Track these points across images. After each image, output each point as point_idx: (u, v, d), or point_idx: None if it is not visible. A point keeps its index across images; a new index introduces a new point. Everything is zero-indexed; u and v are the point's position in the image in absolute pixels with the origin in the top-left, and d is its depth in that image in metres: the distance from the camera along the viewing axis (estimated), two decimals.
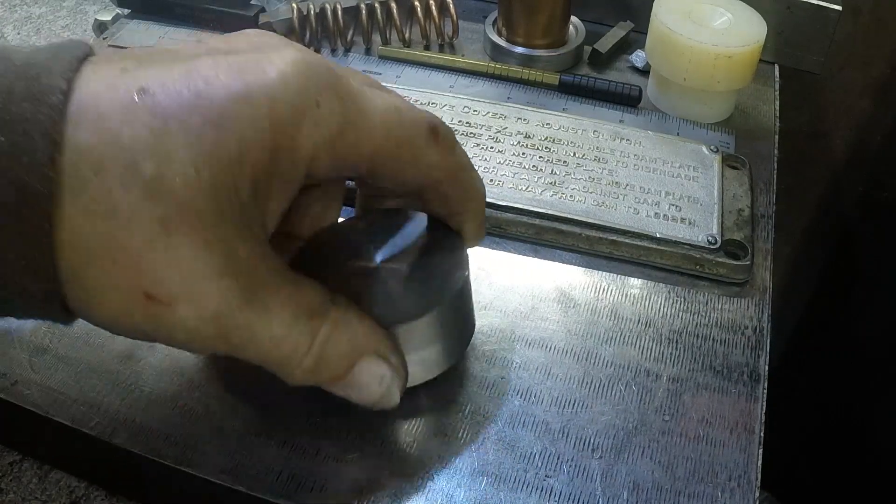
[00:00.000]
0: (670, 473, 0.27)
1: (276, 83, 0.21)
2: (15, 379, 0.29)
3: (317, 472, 0.27)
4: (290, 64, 0.22)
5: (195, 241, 0.20)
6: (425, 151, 0.25)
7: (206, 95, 0.20)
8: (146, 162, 0.19)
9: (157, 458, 0.27)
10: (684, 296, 0.34)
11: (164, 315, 0.20)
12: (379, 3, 0.47)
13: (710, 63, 0.40)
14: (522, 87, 0.45)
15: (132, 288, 0.20)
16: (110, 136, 0.19)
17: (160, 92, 0.20)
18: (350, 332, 0.24)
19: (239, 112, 0.20)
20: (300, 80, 0.21)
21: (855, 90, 0.64)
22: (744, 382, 0.30)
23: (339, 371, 0.24)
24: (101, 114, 0.20)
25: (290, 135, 0.21)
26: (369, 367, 0.24)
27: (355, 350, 0.24)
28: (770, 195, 0.39)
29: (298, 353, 0.23)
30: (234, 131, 0.20)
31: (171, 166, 0.20)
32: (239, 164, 0.21)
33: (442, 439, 0.28)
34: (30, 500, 0.30)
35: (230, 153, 0.20)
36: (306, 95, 0.21)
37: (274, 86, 0.21)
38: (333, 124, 0.22)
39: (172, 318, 0.20)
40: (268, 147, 0.21)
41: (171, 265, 0.20)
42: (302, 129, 0.21)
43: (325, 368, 0.23)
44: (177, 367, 0.30)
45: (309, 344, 0.23)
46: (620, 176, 0.38)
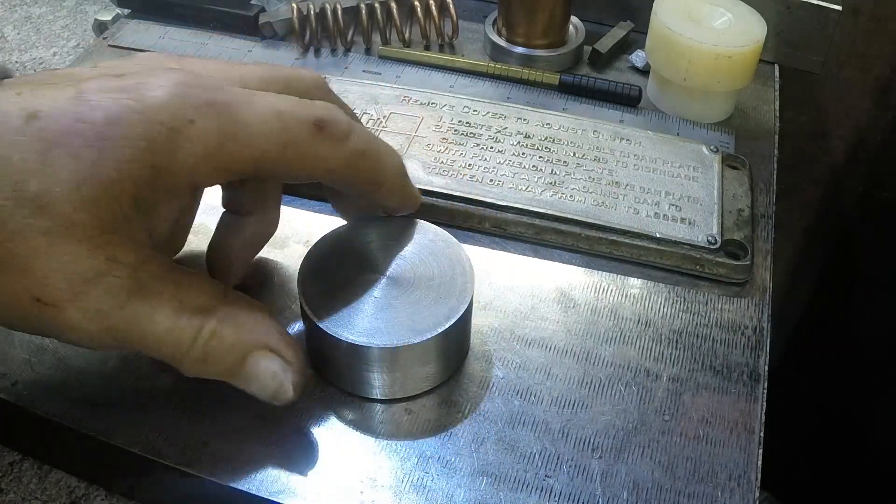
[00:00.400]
0: (670, 473, 0.27)
1: (151, 105, 0.23)
2: (15, 379, 0.29)
3: (317, 471, 0.27)
4: (166, 86, 0.23)
5: (77, 250, 0.22)
6: (311, 148, 0.25)
7: (87, 119, 0.22)
8: (32, 181, 0.22)
9: (157, 458, 0.27)
10: (684, 296, 0.34)
11: (53, 316, 0.22)
12: (379, 3, 0.47)
13: (710, 63, 0.40)
14: (522, 87, 0.45)
15: (22, 293, 0.22)
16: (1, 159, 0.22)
17: (47, 117, 0.22)
18: (236, 327, 0.25)
19: (115, 133, 0.22)
20: (174, 101, 0.23)
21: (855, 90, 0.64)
22: (744, 382, 0.30)
23: (228, 364, 0.25)
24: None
25: (167, 152, 0.23)
26: (259, 361, 0.25)
27: (243, 344, 0.25)
28: (770, 195, 0.39)
29: (182, 346, 0.24)
30: (112, 152, 0.22)
31: (54, 185, 0.22)
32: (118, 182, 0.22)
33: (442, 439, 0.28)
34: (30, 500, 0.30)
35: (108, 172, 0.22)
36: (180, 114, 0.23)
37: (149, 107, 0.23)
38: (210, 139, 0.23)
39: (61, 318, 0.22)
40: (146, 164, 0.23)
41: (55, 271, 0.22)
42: (178, 146, 0.23)
43: (214, 362, 0.25)
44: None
45: (192, 338, 0.24)
46: (620, 176, 0.38)
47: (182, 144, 0.23)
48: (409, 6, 0.47)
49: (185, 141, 0.23)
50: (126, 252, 0.23)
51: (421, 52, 0.47)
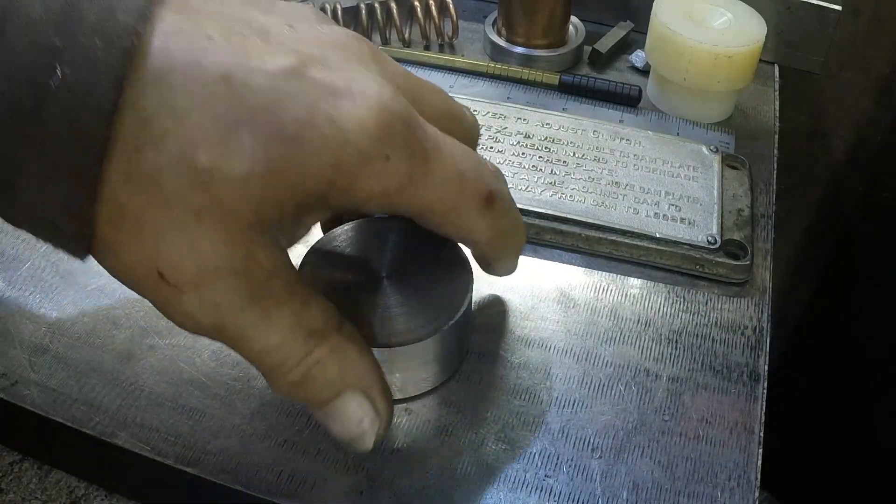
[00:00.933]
0: (670, 473, 0.27)
1: (354, 125, 0.21)
2: (15, 379, 0.29)
3: (317, 471, 0.27)
4: (373, 108, 0.21)
5: (220, 238, 0.20)
6: (474, 219, 0.24)
7: (286, 108, 0.20)
8: (203, 153, 0.19)
9: (157, 458, 0.27)
10: (684, 296, 0.34)
11: (169, 296, 0.21)
12: (379, 3, 0.47)
13: (710, 63, 0.40)
14: (522, 87, 0.45)
15: (147, 263, 0.20)
16: (178, 114, 0.19)
17: (241, 85, 0.20)
18: (344, 362, 0.24)
19: (310, 139, 0.20)
20: (377, 130, 0.21)
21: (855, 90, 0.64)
22: (743, 382, 0.30)
23: (321, 396, 0.24)
24: (176, 86, 0.19)
25: (351, 178, 0.21)
26: (352, 402, 0.24)
27: (343, 381, 0.24)
28: (770, 195, 0.39)
29: (287, 365, 0.23)
30: (299, 157, 0.20)
31: (225, 166, 0.19)
32: (292, 188, 0.20)
33: (442, 439, 0.28)
34: (30, 500, 0.30)
35: (288, 176, 0.20)
36: (378, 147, 0.21)
37: (350, 127, 0.21)
38: (395, 181, 0.22)
39: (176, 300, 0.21)
40: (325, 181, 0.21)
41: (190, 253, 0.20)
42: (364, 176, 0.21)
43: (309, 389, 0.23)
44: (177, 367, 0.30)
45: (299, 360, 0.23)
46: (620, 176, 0.38)
47: (368, 177, 0.21)
48: (408, 6, 0.47)
49: (372, 175, 0.21)
50: (267, 256, 0.21)
51: (421, 52, 0.47)
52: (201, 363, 0.30)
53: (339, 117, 0.20)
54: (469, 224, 0.25)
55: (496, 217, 0.25)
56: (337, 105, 0.21)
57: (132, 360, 0.30)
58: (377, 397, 0.24)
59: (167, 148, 0.19)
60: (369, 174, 0.21)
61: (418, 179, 0.22)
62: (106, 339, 0.30)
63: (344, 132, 0.20)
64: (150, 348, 0.30)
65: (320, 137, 0.20)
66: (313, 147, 0.20)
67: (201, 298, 0.21)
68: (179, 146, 0.19)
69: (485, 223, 0.25)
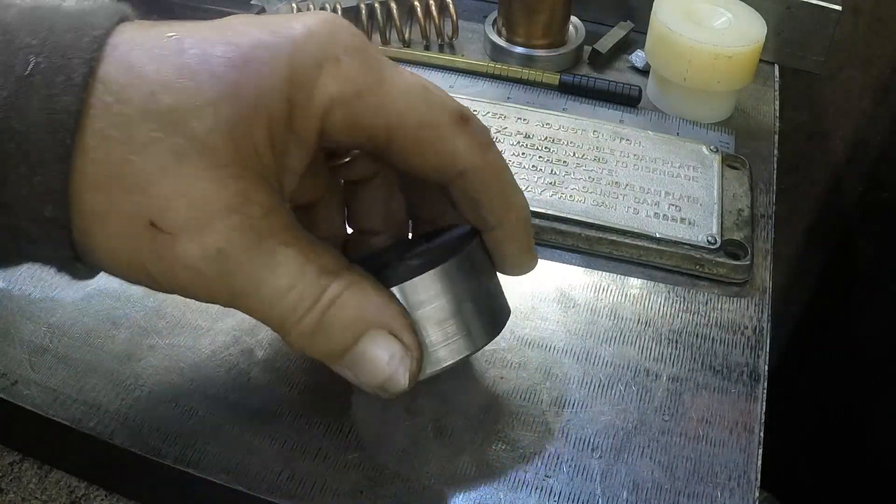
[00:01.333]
0: (670, 473, 0.27)
1: (300, 34, 0.21)
2: (15, 379, 0.29)
3: (317, 471, 0.27)
4: (318, 20, 0.22)
5: (207, 175, 0.20)
6: (450, 136, 0.23)
7: (232, 41, 0.21)
8: (165, 95, 0.20)
9: (157, 458, 0.27)
10: (684, 296, 0.34)
11: (166, 247, 0.20)
12: (379, 3, 0.47)
13: (710, 63, 0.40)
14: (522, 87, 0.45)
15: (137, 215, 0.20)
16: (136, 71, 0.20)
17: (188, 36, 0.21)
18: (362, 298, 0.22)
19: (260, 57, 0.21)
20: (325, 35, 0.22)
21: (855, 90, 0.64)
22: (743, 382, 0.30)
23: (342, 340, 0.22)
24: (131, 51, 0.21)
25: (308, 85, 0.21)
26: (376, 342, 0.23)
27: (364, 319, 0.22)
28: (770, 195, 0.39)
29: (301, 307, 0.22)
30: (254, 75, 0.21)
31: (188, 101, 0.20)
32: (255, 108, 0.21)
33: (442, 439, 0.28)
34: (30, 500, 0.30)
35: (248, 96, 0.21)
36: (329, 49, 0.22)
37: (297, 36, 0.21)
38: (352, 83, 0.22)
39: (175, 250, 0.20)
40: (284, 96, 0.21)
41: (179, 194, 0.20)
42: (319, 80, 0.21)
43: (327, 334, 0.22)
44: (177, 367, 0.30)
45: (314, 299, 0.22)
46: (620, 176, 0.38)
47: (323, 81, 0.21)
48: (409, 6, 0.47)
49: (327, 78, 0.21)
50: (259, 192, 0.21)
51: (421, 52, 0.47)
52: (201, 363, 0.30)
53: (287, 31, 0.21)
54: (446, 142, 0.23)
55: (475, 141, 0.24)
56: (287, 25, 0.22)
57: (132, 360, 0.30)
58: (402, 332, 0.23)
59: (131, 99, 0.20)
60: (324, 77, 0.21)
61: (377, 86, 0.22)
62: (106, 339, 0.30)
63: (292, 41, 0.21)
64: (150, 348, 0.30)
65: (269, 51, 0.21)
66: (265, 61, 0.21)
67: (201, 244, 0.20)
68: (142, 94, 0.20)
69: (464, 146, 0.23)
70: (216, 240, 0.20)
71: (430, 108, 0.23)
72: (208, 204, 0.20)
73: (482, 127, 0.24)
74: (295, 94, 0.21)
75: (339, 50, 0.22)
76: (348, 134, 0.23)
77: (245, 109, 0.21)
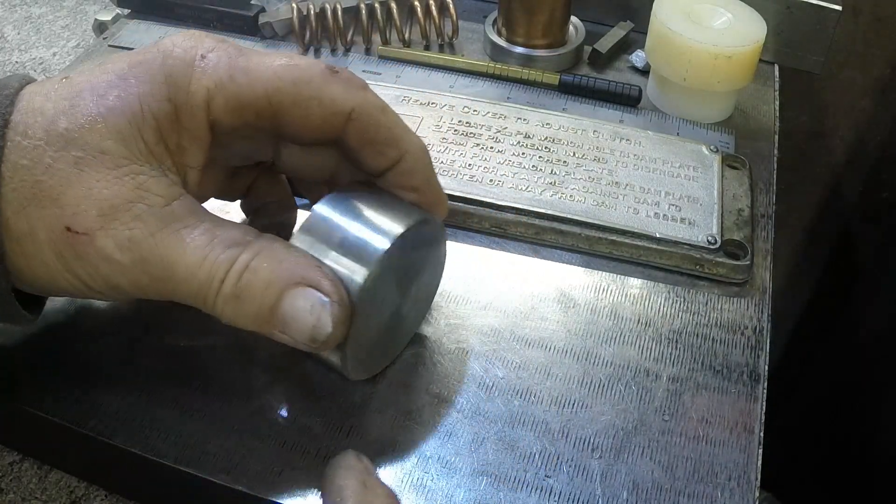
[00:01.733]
0: (670, 473, 0.27)
1: (167, 47, 0.25)
2: (15, 379, 0.29)
3: (316, 471, 0.27)
4: (182, 35, 0.26)
5: (106, 177, 0.23)
6: (326, 84, 0.26)
7: (111, 69, 0.25)
8: (61, 120, 0.24)
9: (157, 458, 0.27)
10: (684, 296, 0.34)
11: (85, 247, 0.23)
12: (379, 3, 0.47)
13: (710, 63, 0.40)
14: (522, 87, 0.45)
15: (55, 225, 0.23)
16: (36, 111, 0.24)
17: (78, 75, 0.25)
18: (274, 259, 0.24)
19: (136, 73, 0.25)
20: (186, 42, 0.25)
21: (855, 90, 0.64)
22: (743, 382, 0.30)
23: (263, 302, 0.24)
24: (33, 97, 0.24)
25: (183, 85, 0.25)
26: (297, 297, 0.24)
27: (279, 277, 0.24)
28: (770, 195, 0.39)
29: (215, 279, 0.24)
30: (134, 88, 0.24)
31: (81, 120, 0.24)
32: (140, 114, 0.24)
33: (442, 439, 0.28)
34: (30, 500, 0.30)
35: (131, 105, 0.24)
36: (195, 50, 0.25)
37: (164, 48, 0.25)
38: (221, 69, 0.25)
39: (93, 247, 0.23)
40: (164, 98, 0.24)
41: (86, 198, 0.23)
42: (193, 76, 0.25)
43: (248, 299, 0.24)
44: (177, 367, 0.30)
45: (226, 269, 0.24)
46: (620, 176, 0.38)
47: (195, 77, 0.25)
48: (409, 6, 0.47)
49: (198, 73, 0.25)
50: (158, 185, 0.24)
51: (421, 52, 0.47)
52: (201, 363, 0.30)
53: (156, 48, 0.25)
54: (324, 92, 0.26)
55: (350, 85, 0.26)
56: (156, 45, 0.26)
57: (132, 361, 0.30)
58: (319, 281, 0.24)
59: (35, 133, 0.24)
60: (196, 74, 0.25)
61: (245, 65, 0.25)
62: (106, 339, 0.30)
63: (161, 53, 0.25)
64: (150, 348, 0.30)
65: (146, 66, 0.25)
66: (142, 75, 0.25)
67: (113, 235, 0.23)
68: (42, 126, 0.24)
69: (342, 90, 0.26)
70: (124, 228, 0.23)
71: (300, 68, 0.26)
72: (112, 200, 0.23)
73: (352, 73, 0.27)
74: (174, 94, 0.25)
75: (203, 48, 0.25)
76: (236, 115, 0.25)
77: (129, 116, 0.24)
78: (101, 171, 0.23)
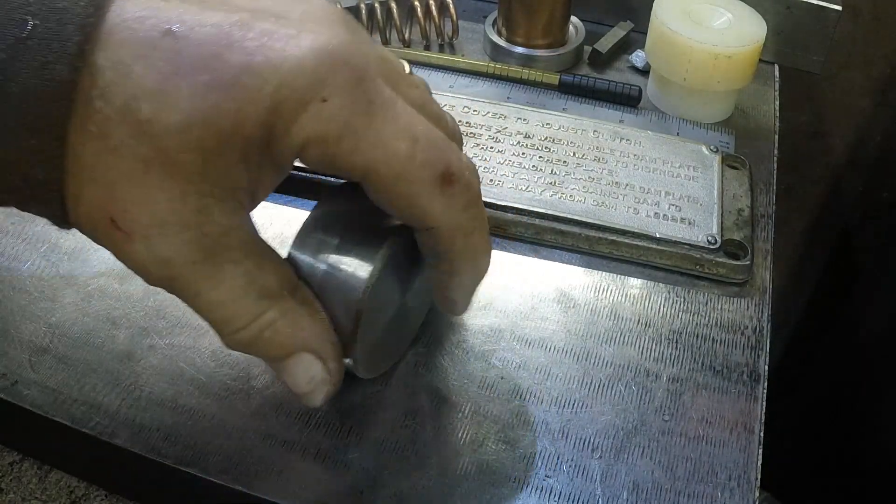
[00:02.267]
0: (670, 473, 0.27)
1: (290, 66, 0.21)
2: (15, 379, 0.29)
3: (317, 472, 0.27)
4: (312, 50, 0.21)
5: (171, 188, 0.21)
6: (428, 197, 0.23)
7: (223, 57, 0.20)
8: (145, 102, 0.20)
9: (157, 458, 0.27)
10: (684, 296, 0.34)
11: (121, 242, 0.21)
12: (379, 3, 0.47)
13: (710, 63, 0.40)
14: (522, 87, 0.45)
15: (101, 209, 0.21)
16: (122, 68, 0.20)
17: (183, 38, 0.20)
18: (295, 326, 0.24)
19: (245, 84, 0.20)
20: (314, 71, 0.21)
21: (855, 90, 0.64)
22: (743, 382, 0.30)
23: (273, 354, 0.24)
24: (123, 41, 0.20)
25: (287, 121, 0.21)
26: (303, 362, 0.25)
27: (295, 343, 0.24)
28: (770, 195, 0.39)
29: (234, 324, 0.23)
30: (235, 101, 0.21)
31: (165, 114, 0.20)
32: (231, 134, 0.21)
33: (442, 439, 0.28)
34: (30, 500, 0.30)
35: (225, 121, 0.21)
36: (315, 88, 0.21)
37: (286, 68, 0.21)
38: (333, 127, 0.21)
39: (128, 247, 0.21)
40: (264, 125, 0.21)
41: (140, 201, 0.21)
42: (300, 118, 0.21)
43: (261, 348, 0.24)
44: (177, 367, 0.30)
45: (250, 321, 0.23)
46: (620, 176, 0.38)
47: (305, 119, 0.21)
48: (408, 6, 0.47)
49: (308, 115, 0.21)
50: (222, 212, 0.22)
51: (421, 52, 0.47)
52: (201, 363, 0.30)
53: (278, 59, 0.21)
54: (422, 202, 0.23)
55: (455, 203, 0.23)
56: (279, 48, 0.21)
57: (132, 360, 0.30)
58: (328, 357, 0.25)
59: (112, 99, 0.20)
60: (305, 115, 0.21)
61: (361, 130, 0.21)
62: (106, 339, 0.30)
63: (280, 73, 0.21)
64: (150, 348, 0.30)
65: (256, 81, 0.20)
66: (249, 91, 0.20)
67: (152, 248, 0.21)
68: (123, 97, 0.20)
69: (440, 205, 0.23)
70: (166, 249, 0.21)
71: (413, 162, 0.22)
72: (166, 216, 0.21)
73: (469, 180, 0.24)
74: (274, 123, 0.21)
75: (328, 90, 0.21)
76: (324, 167, 0.22)
77: (220, 132, 0.21)
78: (167, 181, 0.21)
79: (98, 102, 0.20)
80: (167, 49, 0.20)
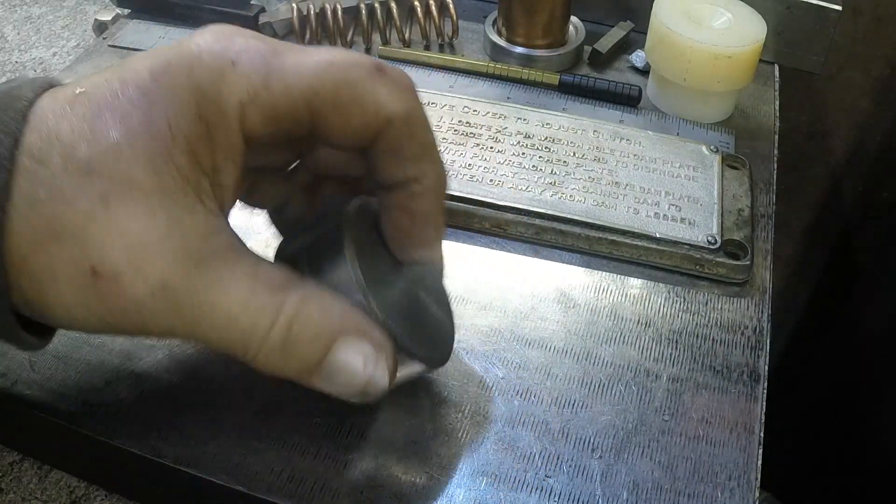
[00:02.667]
0: (670, 473, 0.27)
1: (192, 52, 0.22)
2: (15, 379, 0.29)
3: (317, 472, 0.27)
4: (205, 34, 0.22)
5: (135, 211, 0.21)
6: (371, 87, 0.23)
7: (131, 80, 0.21)
8: (81, 146, 0.21)
9: (157, 458, 0.27)
10: (684, 296, 0.34)
11: (112, 291, 0.21)
12: (379, 3, 0.47)
13: (710, 63, 0.40)
14: (522, 87, 0.45)
15: (78, 265, 0.20)
16: (51, 133, 0.21)
17: (94, 88, 0.22)
18: (323, 307, 0.22)
19: (161, 87, 0.21)
20: (215, 45, 0.22)
21: (855, 90, 0.64)
22: (743, 382, 0.30)
23: (312, 354, 0.22)
24: (45, 116, 0.21)
25: (213, 100, 0.21)
26: (348, 349, 0.22)
27: (331, 328, 0.22)
28: (770, 195, 0.39)
29: (260, 328, 0.21)
30: (159, 106, 0.21)
31: (103, 147, 0.21)
32: (170, 136, 0.21)
33: (442, 439, 0.28)
34: (30, 500, 0.30)
35: (159, 126, 0.21)
36: (224, 54, 0.22)
37: (189, 56, 0.22)
38: (254, 77, 0.22)
39: (121, 292, 0.21)
40: (195, 116, 0.21)
41: (113, 236, 0.20)
42: (222, 89, 0.21)
43: (297, 350, 0.22)
44: (177, 366, 0.30)
45: (273, 318, 0.21)
46: (620, 176, 0.38)
47: (227, 88, 0.21)
48: (409, 6, 0.47)
49: (229, 83, 0.21)
50: (193, 217, 0.21)
51: (421, 52, 0.47)
52: (201, 363, 0.30)
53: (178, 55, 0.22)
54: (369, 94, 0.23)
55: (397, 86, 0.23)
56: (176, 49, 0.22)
57: (132, 360, 0.30)
58: (371, 332, 0.23)
59: (51, 160, 0.21)
60: (227, 86, 0.21)
61: (280, 68, 0.22)
62: (106, 339, 0.30)
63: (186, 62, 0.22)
64: (150, 348, 0.30)
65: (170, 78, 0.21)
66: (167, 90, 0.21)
67: (145, 278, 0.20)
68: (59, 153, 0.21)
69: (385, 90, 0.23)
70: (157, 272, 0.21)
71: (343, 68, 0.23)
72: (142, 237, 0.21)
73: (401, 73, 0.24)
74: (205, 110, 0.21)
75: (233, 51, 0.22)
76: (272, 125, 0.22)
77: (159, 141, 0.21)
78: (130, 205, 0.20)
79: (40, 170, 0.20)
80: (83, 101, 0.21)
